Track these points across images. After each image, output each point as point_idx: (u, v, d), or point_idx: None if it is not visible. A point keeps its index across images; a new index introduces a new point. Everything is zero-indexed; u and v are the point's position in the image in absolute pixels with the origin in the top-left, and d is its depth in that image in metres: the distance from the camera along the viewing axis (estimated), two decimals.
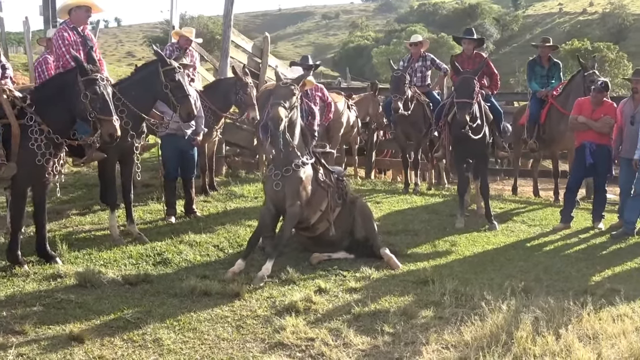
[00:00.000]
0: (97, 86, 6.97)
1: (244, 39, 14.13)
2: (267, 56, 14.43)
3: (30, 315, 6.06)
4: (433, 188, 12.83)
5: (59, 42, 8.46)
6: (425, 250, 8.63)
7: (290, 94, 7.36)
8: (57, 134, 7.10)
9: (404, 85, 11.31)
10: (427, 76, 12.53)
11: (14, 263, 7.30)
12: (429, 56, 12.52)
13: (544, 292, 6.97)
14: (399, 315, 6.29)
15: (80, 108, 6.99)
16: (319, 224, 8.00)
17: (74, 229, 9.09)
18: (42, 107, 7.12)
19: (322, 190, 7.89)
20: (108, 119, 6.98)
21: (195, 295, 6.69)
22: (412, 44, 12.56)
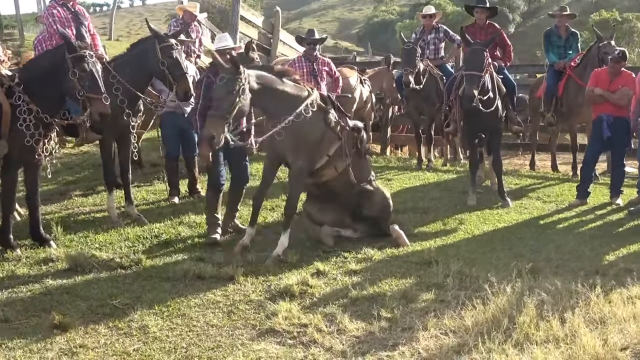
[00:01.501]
0: (86, 63, 6.73)
1: (254, 14, 13.86)
2: (279, 31, 14.15)
3: (16, 301, 5.92)
4: (449, 164, 12.49)
5: (49, 19, 8.25)
6: (433, 229, 8.30)
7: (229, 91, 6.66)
8: (46, 113, 6.88)
9: (415, 58, 10.94)
10: (441, 49, 12.14)
11: (6, 247, 7.15)
12: (442, 28, 12.13)
13: (552, 272, 6.63)
14: (398, 299, 6.00)
15: (69, 86, 6.76)
16: (325, 170, 7.53)
17: (74, 210, 8.96)
18: (30, 86, 6.89)
19: (331, 133, 7.40)
20: (97, 97, 6.74)
21: (188, 279, 6.46)
22: (424, 15, 12.17)
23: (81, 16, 8.41)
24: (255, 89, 6.85)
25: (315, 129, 7.24)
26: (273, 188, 9.79)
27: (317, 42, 10.08)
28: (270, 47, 13.97)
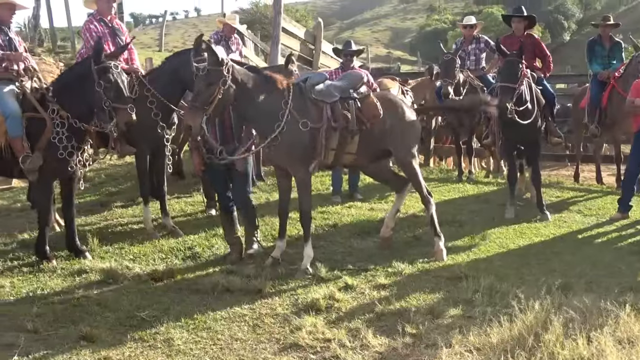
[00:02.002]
0: (111, 74, 6.85)
1: (296, 26, 13.92)
2: (321, 42, 14.19)
3: (47, 312, 6.00)
4: (491, 176, 12.35)
5: (86, 34, 8.41)
6: (468, 242, 8.21)
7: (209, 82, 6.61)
8: (75, 119, 7.04)
9: (455, 69, 10.89)
10: (482, 59, 12.05)
11: (42, 258, 7.28)
12: (482, 38, 12.04)
13: (584, 289, 6.50)
14: (425, 315, 5.94)
15: (95, 97, 6.88)
16: (340, 160, 7.50)
17: (113, 221, 9.08)
18: (63, 98, 7.06)
19: (331, 130, 7.20)
20: (123, 107, 6.85)
21: (217, 291, 6.50)
22: (465, 26, 12.09)
23: (118, 31, 8.55)
24: (234, 86, 6.76)
25: (300, 136, 7.07)
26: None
27: (353, 54, 10.07)
28: (312, 58, 14.02)
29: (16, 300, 6.29)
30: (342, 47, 10.36)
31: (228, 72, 6.66)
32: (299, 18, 43.13)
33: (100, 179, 11.80)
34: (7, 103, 7.07)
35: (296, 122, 6.99)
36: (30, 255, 7.46)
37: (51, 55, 19.45)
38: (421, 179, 7.85)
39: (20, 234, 8.26)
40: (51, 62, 18.23)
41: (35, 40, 21.16)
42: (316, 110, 7.17)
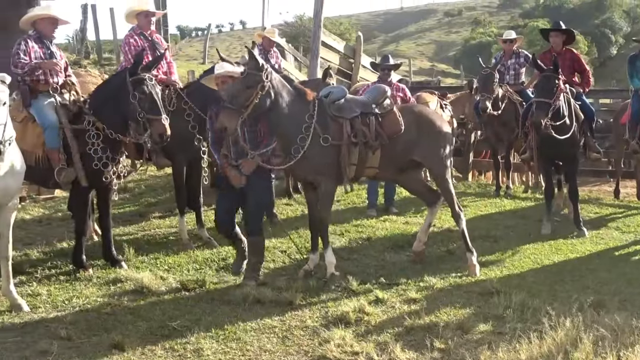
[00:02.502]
0: (145, 86, 6.97)
1: (336, 39, 14.00)
2: (360, 56, 14.24)
3: (81, 320, 6.09)
4: (530, 191, 12.26)
5: (125, 48, 8.58)
6: (501, 258, 8.17)
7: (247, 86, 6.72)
8: (114, 136, 7.17)
9: (493, 83, 10.87)
10: (521, 74, 11.98)
11: (79, 267, 7.41)
12: (522, 53, 11.99)
13: (617, 307, 6.41)
14: (454, 330, 5.92)
15: (130, 109, 7.01)
16: (362, 174, 7.54)
17: (150, 232, 9.20)
18: (98, 110, 7.21)
19: (352, 145, 7.23)
20: (157, 118, 6.97)
21: (248, 303, 6.54)
22: (505, 40, 12.05)
23: (158, 45, 8.69)
24: (272, 93, 6.87)
25: (322, 151, 7.15)
26: (343, 213, 9.91)
27: (391, 68, 10.09)
28: (351, 72, 14.07)
29: (52, 307, 6.41)
30: (379, 61, 10.40)
31: (267, 78, 6.77)
32: (343, 31, 43.34)
33: (140, 190, 11.98)
34: (46, 115, 7.25)
35: (318, 136, 7.07)
36: (67, 263, 7.60)
37: (97, 67, 19.83)
38: (453, 193, 7.84)
39: (59, 243, 8.43)
40: (97, 74, 18.55)
41: (82, 53, 21.60)
42: (336, 127, 7.23)
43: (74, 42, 22.86)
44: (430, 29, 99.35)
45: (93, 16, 21.78)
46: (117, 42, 21.29)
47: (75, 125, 7.24)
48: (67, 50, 22.08)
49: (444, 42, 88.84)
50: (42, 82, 7.51)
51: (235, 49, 70.80)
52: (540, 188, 12.29)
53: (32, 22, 7.69)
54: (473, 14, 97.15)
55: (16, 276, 6.85)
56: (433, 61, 75.83)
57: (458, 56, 70.07)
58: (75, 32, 22.62)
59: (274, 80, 6.93)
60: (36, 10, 7.97)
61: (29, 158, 7.03)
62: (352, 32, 43.89)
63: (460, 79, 34.34)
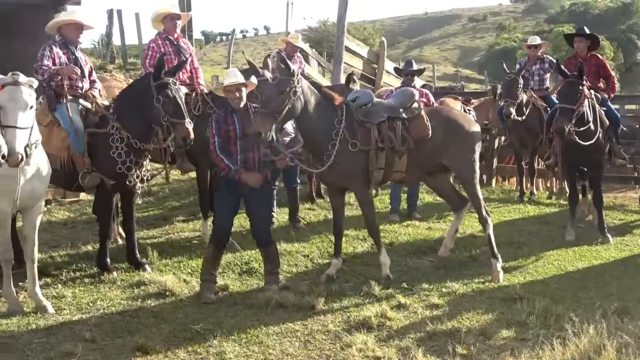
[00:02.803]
0: (169, 90, 7.03)
1: (359, 44, 14.00)
2: (384, 61, 14.24)
3: (105, 323, 6.16)
4: (554, 197, 12.19)
5: (148, 52, 8.65)
6: (525, 264, 8.13)
7: (280, 91, 6.74)
8: (136, 139, 7.24)
9: (517, 89, 10.82)
10: (546, 79, 11.91)
11: (103, 270, 7.48)
12: (547, 58, 11.93)
13: None
14: (477, 336, 5.92)
15: (154, 113, 7.07)
16: (389, 178, 7.59)
17: (173, 235, 9.24)
18: (122, 115, 7.27)
19: (379, 150, 7.27)
20: (181, 122, 7.02)
21: (271, 307, 6.57)
22: (529, 46, 12.01)
23: (183, 49, 8.75)
24: (302, 98, 6.93)
25: (351, 156, 7.18)
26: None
27: (414, 73, 10.08)
28: (375, 77, 14.08)
29: (76, 310, 6.48)
30: (403, 67, 10.40)
31: (298, 83, 6.83)
32: (367, 36, 43.32)
33: (164, 194, 12.03)
34: (71, 119, 7.31)
35: (346, 142, 7.10)
36: (92, 266, 7.67)
37: (122, 72, 19.97)
38: (481, 198, 7.84)
39: (84, 246, 8.49)
40: (122, 78, 18.71)
41: (108, 57, 21.78)
42: (364, 132, 7.26)
43: (100, 47, 23.06)
44: (455, 34, 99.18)
45: (119, 21, 21.96)
46: (142, 47, 21.40)
47: (99, 130, 7.32)
48: (93, 55, 22.27)
49: (468, 47, 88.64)
50: (67, 87, 7.59)
51: (259, 54, 71.06)
52: (564, 194, 12.21)
53: (57, 27, 7.79)
54: (498, 20, 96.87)
55: (42, 278, 6.94)
56: (457, 66, 75.75)
57: (482, 62, 69.86)
58: (101, 37, 22.86)
59: (304, 85, 7.00)
60: (61, 15, 8.07)
61: (54, 161, 7.10)
62: (376, 37, 43.84)
63: (484, 85, 34.21)
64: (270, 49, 29.04)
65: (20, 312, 6.28)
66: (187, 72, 8.70)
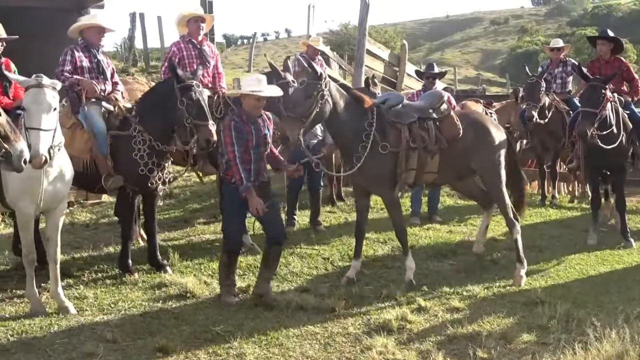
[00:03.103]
0: (193, 92, 7.06)
1: (380, 47, 14.01)
2: (405, 64, 14.23)
3: (126, 324, 6.20)
4: (575, 201, 12.12)
5: (168, 55, 8.71)
6: (546, 268, 8.08)
7: (307, 95, 6.75)
8: (158, 141, 7.28)
9: (539, 92, 10.77)
10: (568, 82, 11.85)
11: (125, 271, 7.52)
12: (569, 61, 11.87)
13: None
14: (497, 339, 5.89)
15: (177, 115, 7.11)
16: (421, 179, 7.57)
17: (194, 238, 9.28)
18: (145, 117, 7.32)
19: (410, 150, 7.28)
20: (204, 124, 7.05)
21: (291, 309, 6.58)
22: (552, 49, 11.95)
23: (206, 54, 8.79)
24: (330, 102, 6.94)
25: (382, 158, 7.19)
26: (386, 220, 9.87)
27: (435, 76, 10.08)
28: (396, 80, 14.08)
29: (98, 310, 6.52)
30: (424, 70, 10.39)
31: (326, 87, 6.84)
32: (388, 39, 43.22)
33: (185, 196, 12.09)
34: (94, 121, 7.38)
35: (377, 144, 7.11)
36: (114, 268, 7.72)
37: (144, 75, 20.08)
38: (507, 201, 7.84)
39: (106, 247, 8.56)
40: (144, 81, 18.81)
41: (130, 61, 21.90)
42: (394, 133, 7.25)
43: (122, 50, 23.19)
44: (476, 37, 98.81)
45: (141, 24, 22.06)
46: (164, 50, 21.51)
47: (122, 132, 7.37)
48: (115, 58, 22.41)
49: (490, 50, 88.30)
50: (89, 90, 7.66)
51: (280, 57, 71.03)
52: (586, 198, 12.13)
53: (79, 30, 7.85)
54: (520, 22, 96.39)
55: (64, 279, 6.99)
56: (479, 69, 75.42)
57: (504, 64, 69.63)
58: (123, 40, 22.96)
59: (332, 88, 7.00)
60: (83, 19, 8.14)
61: (77, 163, 7.16)
62: (397, 40, 43.83)
63: (506, 88, 34.04)
64: (292, 52, 29.08)
65: (43, 313, 6.34)
66: (209, 76, 8.75)
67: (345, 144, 7.26)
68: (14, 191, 6.19)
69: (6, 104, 6.93)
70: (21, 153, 5.23)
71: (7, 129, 5.23)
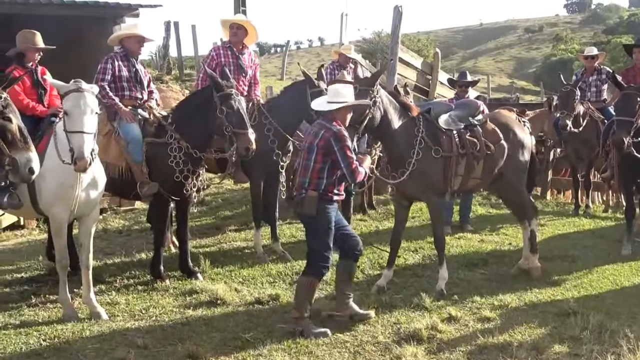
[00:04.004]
0: (233, 101, 7.12)
1: (413, 56, 13.97)
2: (438, 72, 14.18)
3: (157, 330, 6.25)
4: (610, 210, 11.98)
5: (206, 60, 8.77)
6: (579, 278, 7.96)
7: None
8: (195, 149, 7.32)
9: (574, 101, 10.68)
10: (603, 91, 11.74)
11: (157, 278, 7.59)
12: (604, 69, 11.76)
13: None
14: (528, 350, 5.82)
15: (217, 123, 7.16)
16: (466, 185, 7.65)
17: (225, 245, 9.34)
18: (181, 125, 7.38)
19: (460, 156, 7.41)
20: (243, 132, 7.10)
21: (321, 317, 6.57)
22: (586, 57, 11.84)
23: (244, 62, 8.84)
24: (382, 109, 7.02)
25: (434, 163, 7.28)
26: (417, 229, 9.86)
27: (468, 85, 10.06)
28: (428, 88, 14.03)
29: (129, 316, 6.58)
30: (457, 78, 10.37)
31: (377, 94, 6.92)
32: (421, 47, 43.04)
33: (217, 203, 12.18)
34: (130, 129, 7.46)
35: (429, 149, 7.20)
36: (145, 274, 7.80)
37: (178, 83, 20.25)
38: (527, 197, 8.14)
39: (138, 254, 8.65)
40: (177, 89, 19.01)
41: (164, 69, 22.08)
42: (446, 138, 7.37)
43: (157, 58, 23.36)
44: (510, 45, 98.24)
45: (175, 33, 22.23)
46: (198, 59, 21.73)
47: (158, 139, 7.44)
48: (150, 66, 22.60)
49: (523, 58, 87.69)
50: (126, 97, 7.76)
51: (313, 65, 71.32)
52: (621, 208, 11.99)
53: (119, 39, 7.97)
54: (554, 30, 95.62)
55: (96, 285, 7.07)
56: (512, 78, 74.92)
57: (538, 73, 69.06)
58: (158, 49, 23.12)
59: (383, 95, 7.08)
60: (124, 29, 8.27)
61: (112, 170, 7.27)
62: (430, 49, 43.63)
63: (540, 96, 33.73)
64: (324, 60, 29.08)
65: (75, 318, 6.41)
66: (245, 84, 8.81)
67: (395, 151, 7.31)
68: (48, 197, 6.28)
69: (41, 111, 7.06)
70: (28, 162, 5.29)
71: (17, 136, 5.30)
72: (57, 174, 6.17)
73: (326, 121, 6.22)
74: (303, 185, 6.21)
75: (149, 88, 8.05)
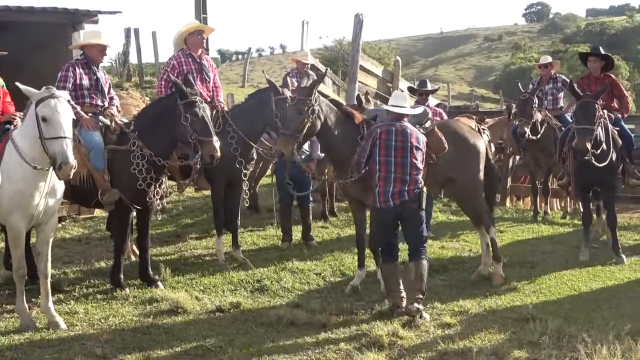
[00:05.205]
0: (197, 108, 7.10)
1: (374, 64, 14.05)
2: (398, 80, 14.27)
3: (116, 339, 6.19)
4: (568, 217, 12.14)
5: (167, 68, 8.72)
6: (538, 284, 8.06)
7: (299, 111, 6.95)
8: (158, 157, 7.28)
9: (531, 108, 10.82)
10: (559, 99, 11.91)
11: (116, 286, 7.51)
12: (560, 78, 11.95)
13: None
14: (488, 355, 5.87)
15: (181, 131, 7.14)
16: None
17: (186, 253, 9.28)
18: (144, 132, 7.33)
19: None
20: (208, 140, 7.09)
21: (282, 324, 6.59)
22: (541, 65, 12.02)
23: (206, 68, 8.83)
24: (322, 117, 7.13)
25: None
26: None
27: (428, 93, 10.15)
28: (389, 96, 14.09)
29: (88, 325, 6.50)
30: (417, 86, 10.45)
31: (316, 102, 6.99)
32: (382, 55, 43.28)
33: (178, 211, 12.09)
34: (91, 136, 7.39)
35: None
36: (105, 282, 7.72)
37: (138, 90, 20.10)
38: (484, 204, 8.15)
39: (98, 262, 8.55)
40: (138, 96, 18.84)
41: (124, 76, 21.91)
42: None
43: (117, 65, 23.17)
44: (470, 53, 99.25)
45: (135, 40, 22.06)
46: (158, 66, 21.62)
47: (120, 146, 7.38)
48: (110, 73, 22.39)
49: (483, 66, 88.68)
50: (87, 105, 7.69)
51: (275, 72, 71.29)
52: (578, 214, 12.15)
53: (81, 46, 7.91)
54: (513, 39, 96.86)
55: (55, 294, 6.97)
56: (472, 86, 75.74)
57: (498, 81, 69.86)
58: (117, 55, 22.92)
59: (322, 103, 7.15)
60: (87, 37, 8.17)
61: (74, 178, 7.14)
62: (391, 57, 43.89)
63: (499, 104, 34.16)
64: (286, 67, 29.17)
65: (33, 328, 6.32)
66: (208, 91, 8.79)
67: (338, 157, 7.40)
68: (5, 206, 6.17)
69: None
70: None
71: None
72: (15, 183, 6.08)
73: (398, 122, 6.95)
74: (404, 182, 6.82)
75: (109, 94, 7.99)
